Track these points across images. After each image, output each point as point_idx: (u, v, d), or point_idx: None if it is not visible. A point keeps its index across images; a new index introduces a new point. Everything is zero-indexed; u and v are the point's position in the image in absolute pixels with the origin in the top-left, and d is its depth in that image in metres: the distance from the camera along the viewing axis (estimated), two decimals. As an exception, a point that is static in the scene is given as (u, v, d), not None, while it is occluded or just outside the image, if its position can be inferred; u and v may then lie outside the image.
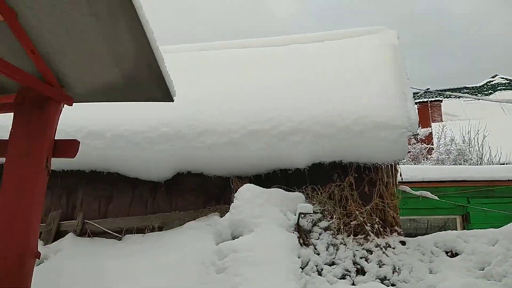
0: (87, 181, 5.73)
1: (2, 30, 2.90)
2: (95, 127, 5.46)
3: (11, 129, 3.06)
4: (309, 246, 4.43)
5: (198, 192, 5.51)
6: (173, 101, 3.23)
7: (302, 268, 4.14)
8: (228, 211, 4.86)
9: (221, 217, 4.94)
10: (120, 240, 5.19)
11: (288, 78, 5.88)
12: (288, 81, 5.79)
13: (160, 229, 5.23)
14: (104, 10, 2.69)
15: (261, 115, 5.15)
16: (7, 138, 3.06)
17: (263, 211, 4.48)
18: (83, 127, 5.42)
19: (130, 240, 5.12)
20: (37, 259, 2.88)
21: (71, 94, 3.28)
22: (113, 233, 5.29)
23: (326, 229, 4.66)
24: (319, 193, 5.00)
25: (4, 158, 3.02)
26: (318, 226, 4.69)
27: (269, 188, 4.92)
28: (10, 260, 2.76)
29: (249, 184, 4.85)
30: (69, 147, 3.14)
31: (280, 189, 4.89)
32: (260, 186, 4.88)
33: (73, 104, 3.32)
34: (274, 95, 5.49)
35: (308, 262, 4.25)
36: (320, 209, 4.84)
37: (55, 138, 3.14)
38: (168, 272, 4.24)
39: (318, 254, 4.37)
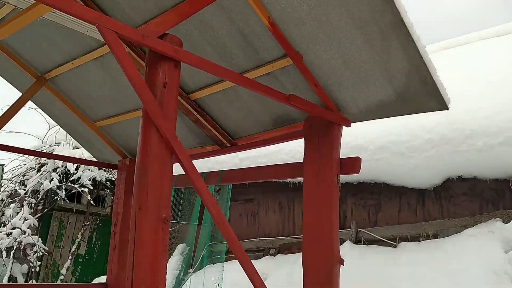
0: (354, 191, 6.13)
1: (290, 71, 3.48)
2: (358, 141, 5.82)
3: (304, 153, 3.61)
4: None
5: (470, 197, 5.23)
6: (448, 109, 3.21)
7: None
8: (510, 216, 4.45)
9: (504, 222, 4.56)
10: (395, 247, 5.34)
11: None
12: None
13: (435, 236, 5.15)
14: (377, 37, 2.92)
15: (542, 107, 4.56)
16: (302, 161, 3.63)
17: (562, 216, 3.93)
18: (347, 142, 5.83)
19: (406, 247, 5.21)
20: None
21: (347, 116, 3.64)
22: (387, 241, 5.49)
23: None
24: None
25: (302, 178, 3.58)
26: None
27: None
28: (320, 267, 3.24)
29: (537, 186, 4.34)
30: (353, 164, 3.49)
31: None
32: (549, 186, 4.31)
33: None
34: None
35: None
36: None
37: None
38: (454, 280, 4.15)
39: None
